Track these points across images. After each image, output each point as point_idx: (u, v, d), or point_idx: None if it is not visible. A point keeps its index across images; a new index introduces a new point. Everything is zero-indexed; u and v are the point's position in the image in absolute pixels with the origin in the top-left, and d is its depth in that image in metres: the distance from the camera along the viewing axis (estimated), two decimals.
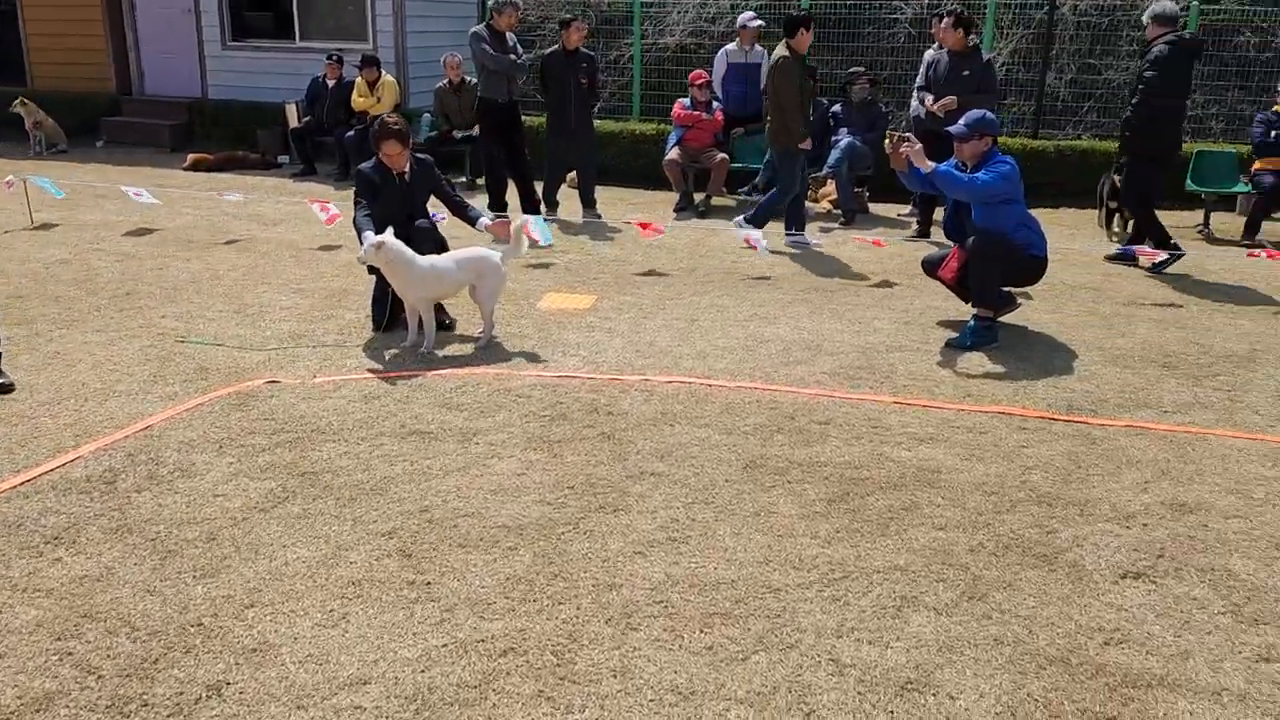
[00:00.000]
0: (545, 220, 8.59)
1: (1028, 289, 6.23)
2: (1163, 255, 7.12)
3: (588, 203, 9.10)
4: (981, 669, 2.80)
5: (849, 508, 3.72)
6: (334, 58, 11.44)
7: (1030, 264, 5.72)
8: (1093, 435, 4.43)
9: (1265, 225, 8.70)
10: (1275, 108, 8.68)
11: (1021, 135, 11.15)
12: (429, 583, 3.18)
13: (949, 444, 4.30)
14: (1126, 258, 7.54)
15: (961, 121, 5.64)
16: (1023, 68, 11.57)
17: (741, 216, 8.33)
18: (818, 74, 10.22)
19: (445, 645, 2.87)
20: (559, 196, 9.20)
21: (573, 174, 9.54)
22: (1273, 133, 8.52)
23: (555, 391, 4.83)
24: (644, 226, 7.02)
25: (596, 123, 11.43)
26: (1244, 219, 8.80)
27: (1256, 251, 6.60)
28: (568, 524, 3.56)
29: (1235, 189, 9.18)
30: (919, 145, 5.63)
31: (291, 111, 11.84)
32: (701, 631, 2.96)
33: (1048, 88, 11.42)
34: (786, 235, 8.21)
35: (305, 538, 3.46)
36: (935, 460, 4.14)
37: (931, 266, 6.05)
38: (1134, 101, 7.28)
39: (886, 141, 5.76)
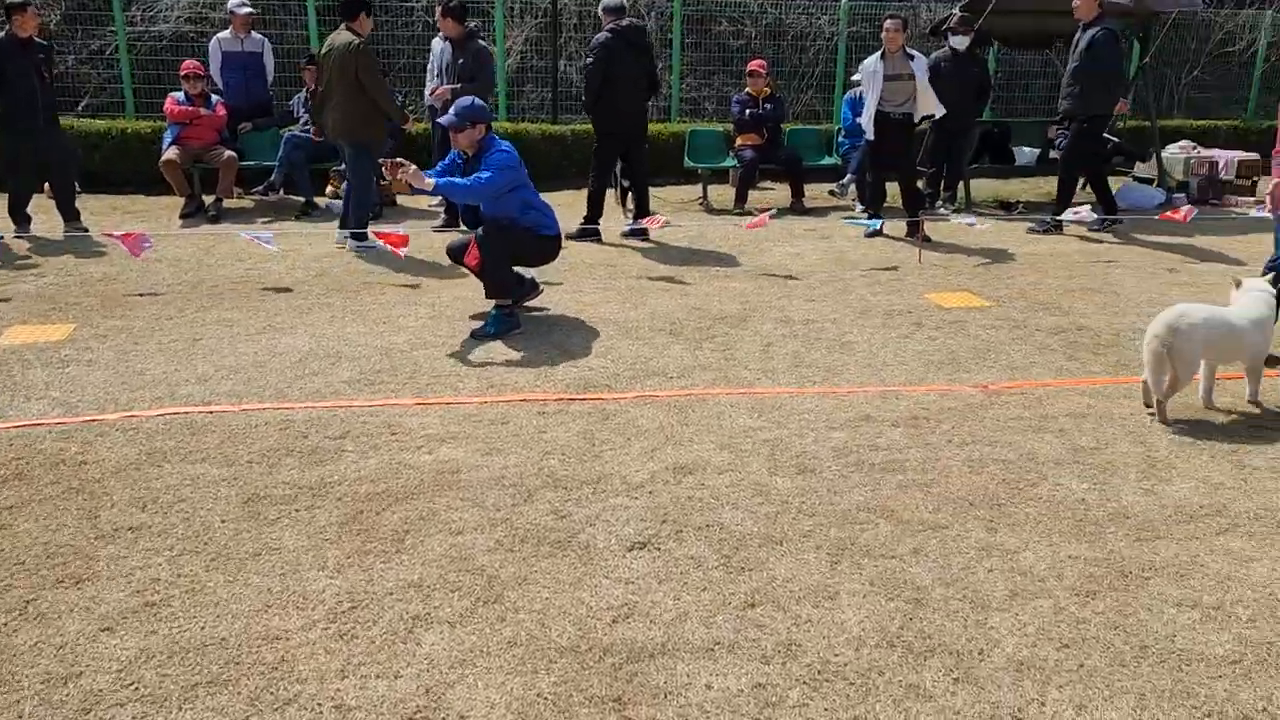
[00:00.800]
0: (16, 235, 7.35)
1: (560, 280, 6.37)
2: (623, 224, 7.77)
3: (68, 215, 7.91)
4: (494, 677, 2.71)
5: (362, 528, 3.48)
6: None
7: (543, 244, 5.82)
8: (607, 410, 4.58)
9: (752, 194, 9.77)
10: (747, 89, 9.75)
11: (542, 121, 11.55)
12: None
13: (470, 440, 4.22)
14: (638, 234, 8.05)
15: (451, 111, 5.58)
16: (536, 56, 11.97)
17: (344, 236, 7.67)
18: None
19: None
20: (30, 209, 7.89)
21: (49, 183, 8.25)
22: (747, 111, 9.56)
23: (12, 446, 4.05)
24: (125, 239, 6.19)
25: (82, 122, 10.07)
26: (734, 190, 9.82)
27: (755, 222, 7.32)
28: (11, 611, 2.95)
29: (725, 163, 10.21)
30: (413, 168, 5.43)
31: None
32: (181, 708, 2.56)
33: (561, 74, 11.92)
34: (343, 234, 7.72)
35: None
36: (455, 460, 4.03)
37: (457, 253, 5.94)
38: (584, 85, 7.84)
39: (383, 167, 5.53)
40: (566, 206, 8.47)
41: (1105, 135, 10.96)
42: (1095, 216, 7.94)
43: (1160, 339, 4.37)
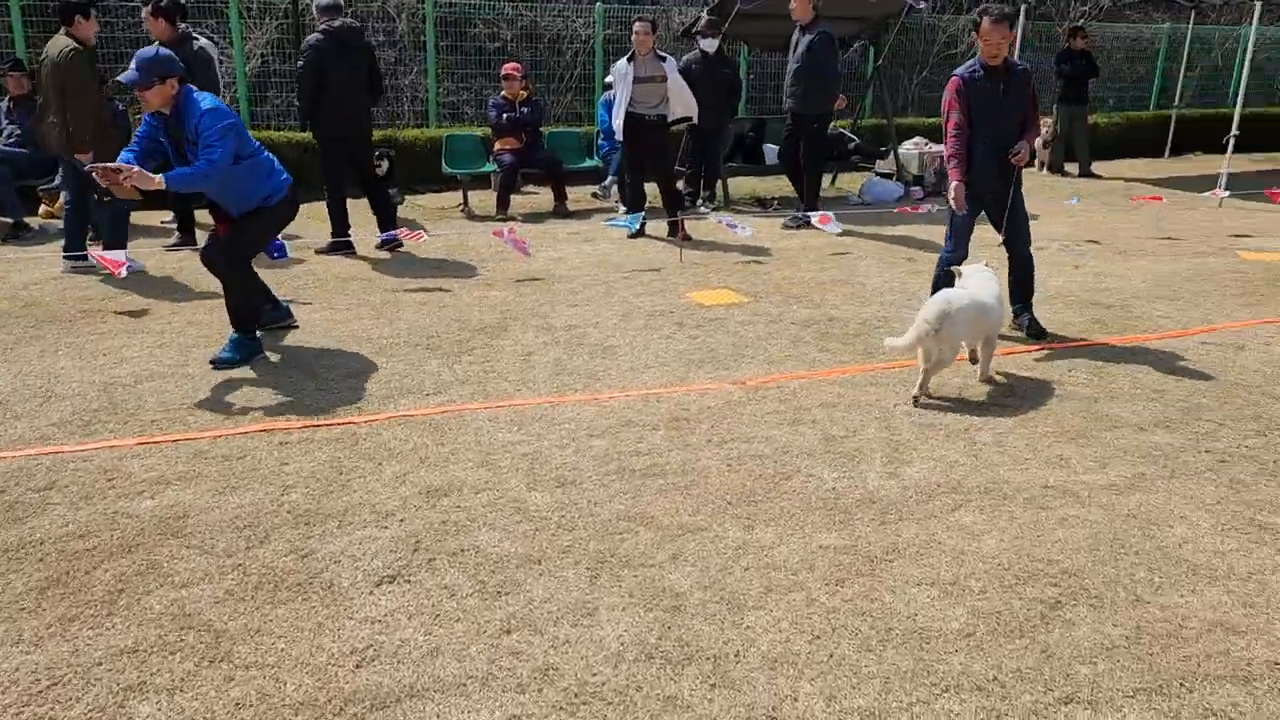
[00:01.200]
0: None
1: (310, 298, 5.98)
2: (405, 235, 7.38)
3: None
4: None
5: (68, 591, 3.08)
6: None
7: (279, 213, 5.25)
8: (357, 435, 4.32)
9: (515, 199, 9.63)
10: (503, 93, 9.60)
11: (289, 128, 10.94)
12: None
13: (201, 480, 3.85)
14: (391, 244, 7.74)
15: (132, 66, 4.82)
16: (279, 59, 11.32)
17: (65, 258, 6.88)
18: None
19: None
20: None
21: None
22: (504, 115, 9.41)
23: None
24: None
25: None
26: (495, 195, 9.65)
27: (501, 229, 7.16)
28: None
29: (485, 169, 10.02)
30: (136, 169, 4.69)
31: None
32: None
33: None
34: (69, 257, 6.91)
35: None
36: (183, 503, 3.66)
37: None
38: (297, 90, 7.50)
39: (96, 176, 4.89)
40: (321, 220, 8.03)
41: (847, 134, 11.61)
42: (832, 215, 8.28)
43: (931, 324, 4.62)
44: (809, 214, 8.84)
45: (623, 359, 5.39)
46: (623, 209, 9.38)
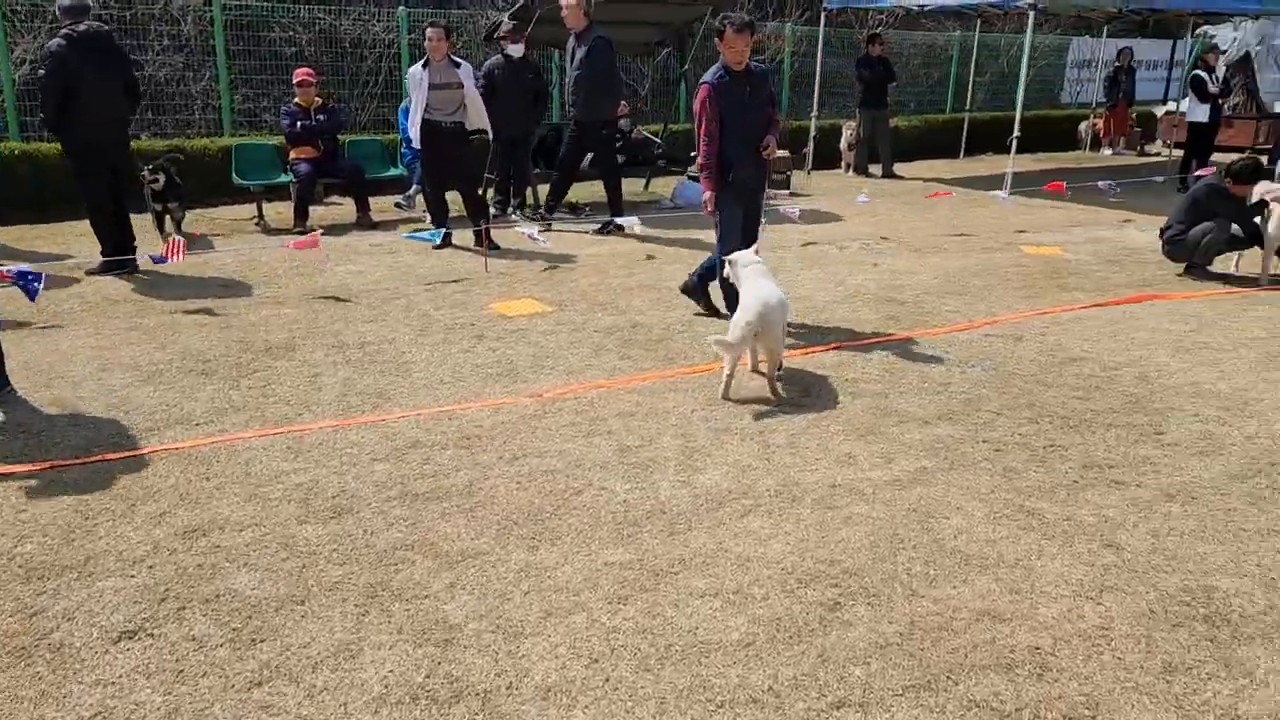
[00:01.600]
0: None
1: (74, 322, 5.45)
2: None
3: None
4: None
5: None
6: None
7: None
8: (112, 474, 3.94)
9: (316, 210, 9.18)
10: (297, 100, 9.15)
11: (48, 140, 10.09)
12: None
13: None
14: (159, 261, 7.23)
15: None
16: None
17: None
18: None
19: None
20: None
21: None
22: (299, 124, 8.97)
23: None
24: None
25: None
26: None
27: (304, 240, 6.78)
28: None
29: (281, 179, 9.52)
30: None
31: None
32: None
33: None
34: None
35: None
36: None
37: None
38: (40, 101, 7.04)
39: None
40: (93, 239, 7.38)
41: (653, 139, 11.67)
42: (635, 219, 8.24)
43: (751, 325, 4.72)
44: (618, 220, 8.81)
45: (416, 376, 5.16)
46: (430, 218, 9.11)
